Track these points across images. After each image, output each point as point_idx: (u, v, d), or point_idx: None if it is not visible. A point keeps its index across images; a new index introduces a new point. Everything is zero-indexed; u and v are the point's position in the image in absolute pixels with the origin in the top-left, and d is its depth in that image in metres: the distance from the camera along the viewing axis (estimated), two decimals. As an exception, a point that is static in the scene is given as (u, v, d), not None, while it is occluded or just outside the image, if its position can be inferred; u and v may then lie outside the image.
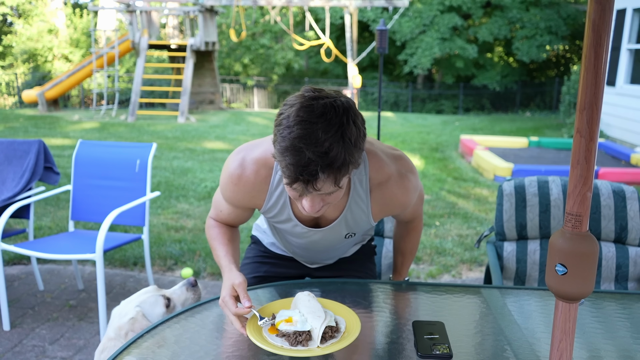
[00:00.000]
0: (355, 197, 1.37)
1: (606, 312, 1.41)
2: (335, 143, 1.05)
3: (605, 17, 0.79)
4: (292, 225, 1.45)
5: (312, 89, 1.13)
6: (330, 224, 1.43)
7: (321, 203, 1.18)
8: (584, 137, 0.83)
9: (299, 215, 1.41)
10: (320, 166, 1.05)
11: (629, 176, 6.28)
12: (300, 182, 1.08)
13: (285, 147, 1.06)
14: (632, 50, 8.96)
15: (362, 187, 1.35)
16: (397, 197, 1.38)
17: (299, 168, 1.06)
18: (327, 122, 1.06)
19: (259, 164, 1.33)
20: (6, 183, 3.15)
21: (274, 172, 1.34)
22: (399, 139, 9.86)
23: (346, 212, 1.39)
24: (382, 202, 1.38)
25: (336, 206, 1.37)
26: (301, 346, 1.17)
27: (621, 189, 2.05)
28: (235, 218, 1.51)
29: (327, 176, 1.07)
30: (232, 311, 1.23)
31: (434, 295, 1.50)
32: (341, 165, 1.07)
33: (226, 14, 18.25)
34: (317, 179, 1.07)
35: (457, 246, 4.11)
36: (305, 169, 1.06)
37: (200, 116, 12.71)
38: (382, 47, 4.57)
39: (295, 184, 1.10)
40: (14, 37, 20.81)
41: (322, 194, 1.14)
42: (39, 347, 2.63)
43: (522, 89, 18.93)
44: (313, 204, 1.17)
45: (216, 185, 5.91)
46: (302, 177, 1.07)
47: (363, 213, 1.40)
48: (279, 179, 1.34)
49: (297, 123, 1.06)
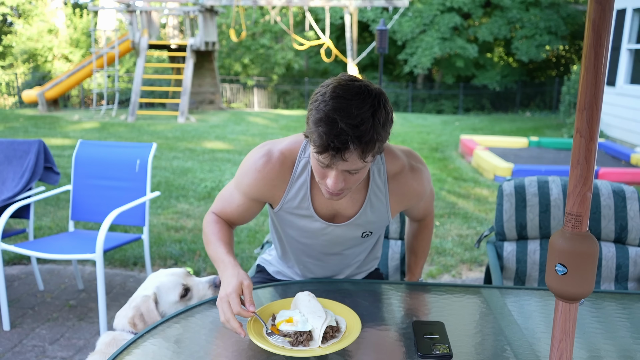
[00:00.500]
0: (374, 189, 1.42)
1: (606, 312, 1.41)
2: (367, 119, 1.14)
3: (605, 17, 0.79)
4: (310, 221, 1.45)
5: (348, 75, 1.24)
6: (350, 219, 1.45)
7: (343, 183, 1.24)
8: (584, 137, 0.83)
9: (318, 209, 1.44)
10: (350, 137, 1.13)
11: (629, 176, 6.28)
12: (331, 150, 1.15)
13: (320, 118, 1.15)
14: (632, 50, 8.96)
15: (380, 178, 1.42)
16: (413, 186, 1.45)
17: (330, 136, 1.13)
18: (361, 101, 1.15)
19: (284, 154, 1.40)
20: (6, 183, 3.15)
21: (297, 162, 1.40)
22: (399, 139, 9.86)
23: (366, 206, 1.43)
24: (399, 193, 1.44)
25: (355, 201, 1.42)
26: (302, 346, 1.17)
27: (621, 189, 2.05)
28: (242, 213, 1.50)
29: (356, 148, 1.14)
30: (234, 310, 1.22)
31: (434, 295, 1.50)
32: (369, 140, 1.15)
33: (226, 14, 18.25)
34: (346, 149, 1.14)
35: (457, 246, 4.11)
36: (337, 138, 1.13)
37: (200, 116, 12.71)
38: (382, 47, 4.57)
39: (325, 154, 1.16)
40: (14, 37, 20.81)
41: (347, 170, 1.21)
42: (39, 347, 2.63)
43: (522, 89, 18.93)
44: (337, 181, 1.22)
45: (216, 185, 5.92)
46: (332, 144, 1.14)
47: (382, 205, 1.44)
48: (301, 169, 1.40)
49: (333, 98, 1.16)
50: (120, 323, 1.50)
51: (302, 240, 1.54)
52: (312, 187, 1.41)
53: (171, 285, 1.54)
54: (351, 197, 1.42)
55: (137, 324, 1.46)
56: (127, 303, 1.54)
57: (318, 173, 1.26)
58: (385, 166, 1.41)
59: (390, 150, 1.43)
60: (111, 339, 1.45)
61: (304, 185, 1.41)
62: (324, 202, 1.42)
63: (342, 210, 1.44)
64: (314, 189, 1.41)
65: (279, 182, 1.41)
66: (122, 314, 1.51)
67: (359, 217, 1.44)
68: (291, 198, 1.42)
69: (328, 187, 1.25)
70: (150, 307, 1.48)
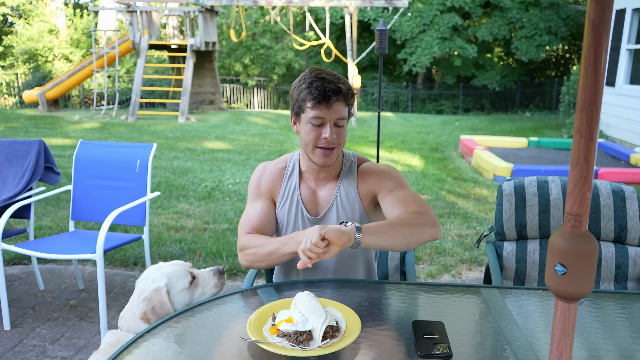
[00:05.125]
0: (344, 180, 1.70)
1: (606, 312, 1.42)
2: (341, 77, 1.60)
3: (604, 17, 0.79)
4: (300, 214, 1.70)
5: None
6: (325, 208, 1.69)
7: (336, 136, 1.57)
8: (583, 137, 0.84)
9: (305, 201, 1.71)
10: (337, 84, 1.54)
11: (629, 176, 6.28)
12: (326, 98, 1.52)
13: (310, 82, 1.55)
14: (632, 50, 8.96)
15: (350, 170, 1.72)
16: (377, 169, 1.71)
17: (323, 87, 1.53)
18: (332, 73, 1.59)
19: (278, 161, 1.79)
20: (7, 183, 3.15)
21: (289, 164, 1.76)
22: (398, 139, 9.85)
23: (337, 192, 1.69)
24: (364, 179, 1.70)
25: (330, 189, 1.71)
26: (302, 346, 1.17)
27: (621, 189, 2.05)
28: (264, 217, 1.69)
29: (342, 93, 1.54)
30: (319, 249, 1.31)
31: (434, 295, 1.50)
32: (348, 88, 1.57)
33: (226, 14, 18.24)
34: (339, 92, 1.54)
35: (457, 246, 4.11)
36: (329, 85, 1.53)
37: (201, 116, 12.71)
38: (382, 47, 4.57)
39: (322, 104, 1.53)
40: (15, 37, 20.80)
41: (336, 122, 1.56)
42: (40, 346, 2.63)
43: (522, 89, 18.93)
44: (332, 132, 1.56)
45: (216, 185, 5.92)
46: (327, 92, 1.52)
47: (352, 188, 1.69)
48: (291, 169, 1.74)
49: (312, 72, 1.58)
50: (126, 324, 1.49)
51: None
52: (300, 183, 1.73)
53: (180, 273, 1.56)
54: (328, 188, 1.71)
55: (150, 318, 1.46)
56: (128, 303, 1.53)
57: (313, 137, 1.58)
58: (356, 161, 1.75)
59: (365, 158, 1.78)
60: (116, 339, 1.45)
61: (294, 181, 1.73)
62: (309, 195, 1.71)
63: (322, 202, 1.71)
64: (302, 185, 1.73)
65: (277, 177, 1.75)
66: (127, 316, 1.49)
67: (334, 201, 1.68)
68: (287, 191, 1.73)
69: (324, 141, 1.57)
70: (164, 298, 1.48)
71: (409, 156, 8.06)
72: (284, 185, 1.73)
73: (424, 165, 7.42)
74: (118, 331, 1.49)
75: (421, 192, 5.83)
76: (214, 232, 4.34)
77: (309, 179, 1.72)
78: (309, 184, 1.72)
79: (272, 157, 7.62)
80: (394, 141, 9.53)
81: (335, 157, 1.62)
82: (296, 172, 1.73)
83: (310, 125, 1.57)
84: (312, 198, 1.71)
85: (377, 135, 4.84)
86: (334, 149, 1.59)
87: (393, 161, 7.64)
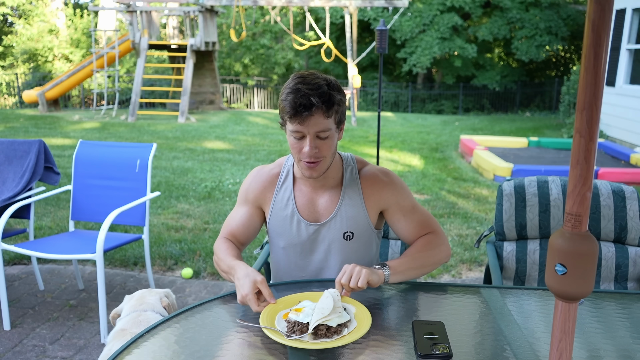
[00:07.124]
0: (349, 183, 1.64)
1: (606, 312, 1.42)
2: (322, 85, 1.46)
3: (604, 18, 0.79)
4: (296, 223, 1.64)
5: None
6: (327, 217, 1.63)
7: (317, 149, 1.49)
8: (583, 137, 0.84)
9: (300, 210, 1.65)
10: (312, 95, 1.43)
11: (629, 176, 6.28)
12: (299, 112, 1.43)
13: (288, 92, 1.46)
14: (632, 51, 8.96)
15: (352, 176, 1.65)
16: (383, 181, 1.65)
17: (297, 99, 1.43)
18: (316, 77, 1.49)
19: (271, 166, 1.73)
20: (6, 183, 3.15)
21: (282, 170, 1.69)
22: (399, 139, 9.85)
23: (341, 202, 1.63)
24: (371, 192, 1.64)
25: (333, 197, 1.64)
26: (294, 336, 1.21)
27: (621, 189, 2.05)
28: (245, 224, 1.68)
29: (318, 104, 1.43)
30: (254, 309, 1.32)
31: (434, 295, 1.50)
32: (328, 98, 1.45)
33: (226, 14, 18.24)
34: (312, 106, 1.43)
35: (457, 246, 4.11)
36: (303, 98, 1.43)
37: (201, 116, 12.71)
38: (382, 47, 4.57)
39: (297, 117, 1.44)
40: (15, 37, 20.80)
41: (318, 134, 1.47)
42: (40, 346, 2.63)
43: (522, 89, 18.92)
44: (311, 146, 1.48)
45: (216, 185, 5.92)
46: (300, 105, 1.42)
47: (358, 198, 1.63)
48: (285, 175, 1.68)
49: (294, 79, 1.49)
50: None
51: (290, 252, 1.68)
52: (295, 191, 1.66)
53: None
54: (329, 196, 1.64)
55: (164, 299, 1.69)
56: (118, 320, 1.67)
57: (295, 149, 1.51)
58: (356, 166, 1.68)
59: (362, 159, 1.71)
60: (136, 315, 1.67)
61: (288, 188, 1.67)
62: (306, 203, 1.65)
63: (322, 210, 1.64)
64: (297, 192, 1.66)
65: (269, 185, 1.68)
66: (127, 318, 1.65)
67: (337, 211, 1.62)
68: (280, 199, 1.67)
69: (305, 155, 1.49)
70: (173, 300, 1.72)
71: (409, 156, 8.06)
72: (277, 192, 1.67)
73: (424, 165, 7.42)
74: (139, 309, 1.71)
75: (421, 192, 5.83)
76: (214, 232, 4.34)
77: (304, 184, 1.65)
78: (304, 190, 1.65)
79: (272, 157, 7.63)
80: (394, 141, 9.53)
81: (322, 169, 1.55)
82: (290, 179, 1.67)
83: (292, 138, 1.50)
84: (309, 205, 1.65)
85: (377, 135, 4.84)
86: (318, 162, 1.52)
87: (393, 161, 7.64)
